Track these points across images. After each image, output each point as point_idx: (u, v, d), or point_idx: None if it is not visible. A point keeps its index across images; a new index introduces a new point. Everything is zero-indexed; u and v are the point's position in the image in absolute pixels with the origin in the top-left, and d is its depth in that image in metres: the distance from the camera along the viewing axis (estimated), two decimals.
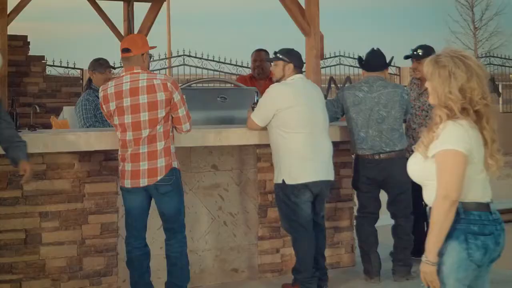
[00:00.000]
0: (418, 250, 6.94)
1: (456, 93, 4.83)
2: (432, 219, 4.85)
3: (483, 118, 4.87)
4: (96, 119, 9.62)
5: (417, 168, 5.06)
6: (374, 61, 9.32)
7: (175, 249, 7.96)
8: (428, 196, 5.01)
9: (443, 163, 4.83)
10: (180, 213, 7.96)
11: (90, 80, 9.99)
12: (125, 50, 7.81)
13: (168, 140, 7.75)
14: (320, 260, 8.80)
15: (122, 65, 8.22)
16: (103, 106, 7.82)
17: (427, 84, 5.03)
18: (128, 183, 7.77)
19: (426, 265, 4.86)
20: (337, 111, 9.28)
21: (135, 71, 7.75)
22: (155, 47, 8.18)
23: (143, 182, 7.71)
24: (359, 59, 9.65)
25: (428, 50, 9.51)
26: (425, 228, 9.51)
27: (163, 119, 7.67)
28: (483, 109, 4.87)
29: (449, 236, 4.85)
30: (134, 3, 13.60)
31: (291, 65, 8.55)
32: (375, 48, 9.36)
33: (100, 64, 9.97)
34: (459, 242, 4.85)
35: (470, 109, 4.85)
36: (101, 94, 7.86)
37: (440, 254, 4.85)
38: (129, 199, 7.92)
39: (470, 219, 4.88)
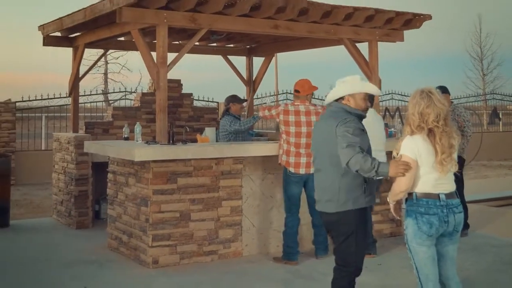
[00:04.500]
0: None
1: (416, 115, 5.11)
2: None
3: (436, 136, 5.10)
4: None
5: None
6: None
7: (320, 220, 8.31)
8: None
9: None
10: None
11: (228, 109, 10.06)
12: (296, 91, 8.44)
13: None
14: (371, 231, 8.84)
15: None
16: (281, 115, 8.31)
17: None
18: (292, 170, 8.21)
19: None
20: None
21: (306, 103, 8.36)
22: (317, 88, 8.58)
23: (302, 171, 8.18)
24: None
25: (444, 89, 9.46)
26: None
27: None
28: (435, 129, 5.08)
29: (407, 215, 5.20)
30: (253, 57, 13.67)
31: None
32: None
33: (237, 98, 10.15)
34: (412, 218, 5.14)
35: (425, 127, 5.09)
36: (282, 107, 8.38)
37: (405, 227, 5.23)
38: (293, 185, 8.27)
39: (419, 203, 5.13)
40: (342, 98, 5.76)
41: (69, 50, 11.86)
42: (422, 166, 5.09)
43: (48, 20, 11.43)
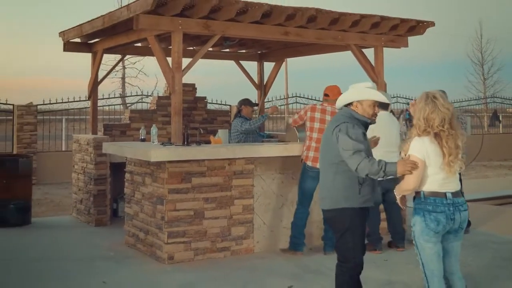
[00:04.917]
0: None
1: (421, 120, 5.12)
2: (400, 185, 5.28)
3: (442, 139, 5.11)
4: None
5: None
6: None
7: None
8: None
9: None
10: None
11: (239, 111, 10.21)
12: (325, 95, 8.62)
13: None
14: (378, 229, 8.83)
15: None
16: (308, 111, 8.52)
17: None
18: (310, 164, 8.27)
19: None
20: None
21: (333, 106, 8.22)
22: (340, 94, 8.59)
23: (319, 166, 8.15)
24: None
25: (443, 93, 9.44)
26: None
27: None
28: (441, 133, 5.08)
29: (415, 213, 5.21)
30: (264, 62, 13.67)
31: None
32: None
33: (249, 102, 10.37)
34: (420, 216, 5.15)
35: (430, 131, 5.10)
36: (309, 106, 8.65)
37: (412, 224, 5.23)
38: (309, 179, 8.29)
39: (427, 202, 5.14)
40: (351, 103, 5.77)
41: (88, 56, 11.91)
42: (430, 166, 5.10)
43: (67, 25, 11.48)
